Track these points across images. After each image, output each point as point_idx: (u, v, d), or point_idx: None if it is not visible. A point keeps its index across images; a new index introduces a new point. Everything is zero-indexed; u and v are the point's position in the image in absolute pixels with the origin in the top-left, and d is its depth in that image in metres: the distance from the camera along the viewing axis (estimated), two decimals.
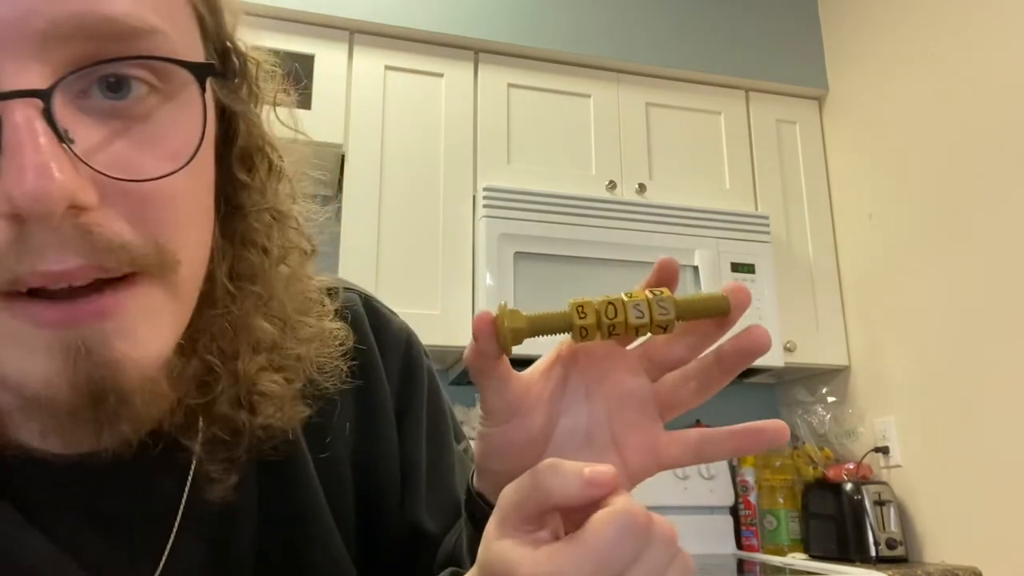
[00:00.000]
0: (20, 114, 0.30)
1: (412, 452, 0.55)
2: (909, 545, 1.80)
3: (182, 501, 0.44)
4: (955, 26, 1.80)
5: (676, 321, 0.37)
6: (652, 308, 0.36)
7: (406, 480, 0.54)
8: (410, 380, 0.56)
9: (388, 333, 0.56)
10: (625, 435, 0.40)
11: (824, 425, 1.98)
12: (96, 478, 0.41)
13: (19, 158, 0.29)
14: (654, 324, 0.37)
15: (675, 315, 0.37)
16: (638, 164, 2.01)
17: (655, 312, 0.36)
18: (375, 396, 0.54)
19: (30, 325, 0.32)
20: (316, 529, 0.48)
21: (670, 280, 0.40)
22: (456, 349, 1.75)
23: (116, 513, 0.42)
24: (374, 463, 0.53)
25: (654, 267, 0.40)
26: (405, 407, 0.55)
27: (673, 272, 0.39)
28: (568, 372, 0.41)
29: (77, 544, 0.40)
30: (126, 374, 0.34)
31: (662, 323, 0.37)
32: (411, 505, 0.53)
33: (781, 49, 2.20)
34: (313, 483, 0.49)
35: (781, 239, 2.06)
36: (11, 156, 0.29)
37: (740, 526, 2.01)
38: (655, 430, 0.40)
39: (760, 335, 0.37)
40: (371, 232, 1.75)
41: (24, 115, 0.30)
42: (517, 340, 0.37)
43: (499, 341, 0.36)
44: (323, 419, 0.50)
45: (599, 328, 0.37)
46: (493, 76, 1.95)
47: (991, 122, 1.69)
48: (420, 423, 0.56)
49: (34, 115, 0.30)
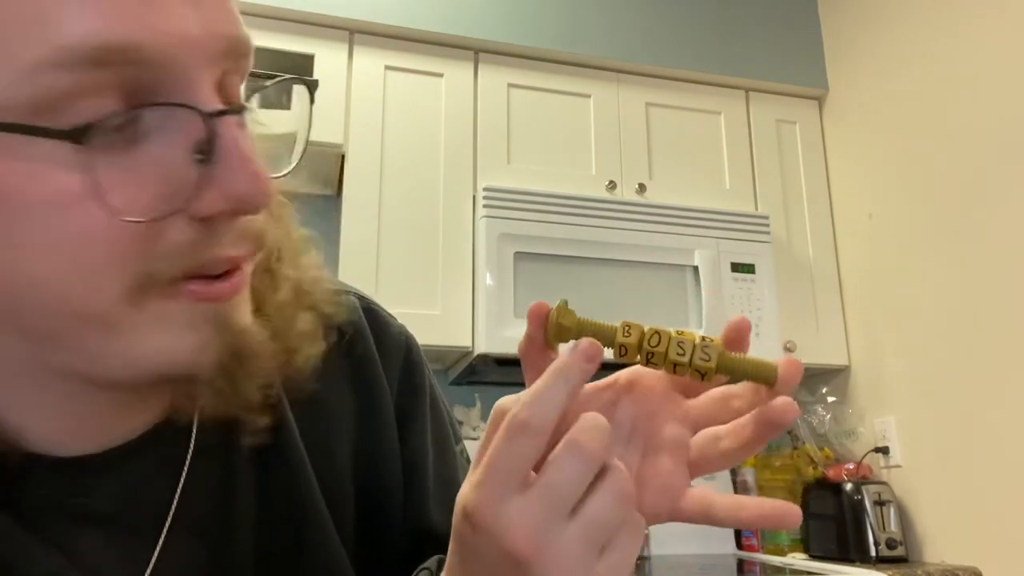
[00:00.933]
0: (234, 127, 0.34)
1: (416, 453, 0.55)
2: (909, 545, 1.80)
3: (174, 501, 0.44)
4: (955, 26, 1.80)
5: (716, 372, 0.37)
6: (695, 351, 0.37)
7: (411, 481, 0.54)
8: (411, 383, 0.56)
9: (388, 336, 0.56)
10: (650, 476, 0.40)
11: (824, 425, 1.98)
12: (87, 479, 0.41)
13: (245, 166, 0.33)
14: (692, 366, 0.37)
15: (715, 365, 0.37)
16: (638, 164, 2.01)
17: (696, 356, 0.37)
18: (375, 399, 0.54)
19: (189, 303, 0.36)
20: (313, 530, 0.48)
21: (738, 340, 0.40)
22: (456, 349, 1.75)
23: (107, 513, 0.42)
24: (375, 465, 0.53)
25: (728, 323, 0.40)
26: (407, 409, 0.56)
27: (742, 331, 0.40)
28: (619, 399, 0.41)
29: (68, 544, 0.40)
30: (253, 339, 0.39)
31: (700, 368, 0.37)
32: (418, 505, 0.53)
33: (781, 49, 2.20)
34: (311, 485, 0.49)
35: (781, 239, 2.06)
36: (232, 164, 0.33)
37: None
38: (680, 481, 0.40)
39: (788, 408, 0.37)
40: (371, 232, 1.75)
41: (237, 128, 0.34)
42: (563, 337, 0.38)
43: (547, 332, 0.38)
44: (322, 422, 0.50)
45: (639, 351, 0.38)
46: (493, 76, 1.95)
47: (991, 122, 1.69)
48: (424, 424, 0.56)
49: (241, 128, 0.35)
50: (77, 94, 0.30)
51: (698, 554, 1.96)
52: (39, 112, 0.30)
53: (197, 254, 0.35)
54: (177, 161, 0.33)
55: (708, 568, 1.78)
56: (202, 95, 0.33)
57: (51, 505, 0.40)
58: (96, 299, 0.33)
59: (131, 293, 0.34)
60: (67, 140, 0.30)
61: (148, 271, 0.33)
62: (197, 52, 0.33)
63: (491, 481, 0.34)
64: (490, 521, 0.33)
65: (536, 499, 0.33)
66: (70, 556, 0.40)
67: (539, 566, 0.33)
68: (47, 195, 0.31)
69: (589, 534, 0.34)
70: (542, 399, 0.34)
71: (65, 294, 0.33)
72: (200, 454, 0.45)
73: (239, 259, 0.37)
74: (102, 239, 0.32)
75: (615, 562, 0.35)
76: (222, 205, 0.34)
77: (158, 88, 0.32)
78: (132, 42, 0.31)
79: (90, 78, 0.30)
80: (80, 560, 0.40)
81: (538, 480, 0.34)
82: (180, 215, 0.34)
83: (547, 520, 0.33)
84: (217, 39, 0.34)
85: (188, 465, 0.44)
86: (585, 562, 0.34)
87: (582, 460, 0.34)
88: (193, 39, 0.33)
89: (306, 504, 0.48)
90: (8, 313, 0.34)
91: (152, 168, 0.33)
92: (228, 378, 0.39)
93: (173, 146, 0.33)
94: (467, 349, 1.75)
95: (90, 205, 0.31)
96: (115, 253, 0.32)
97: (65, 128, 0.30)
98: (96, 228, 0.32)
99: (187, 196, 0.33)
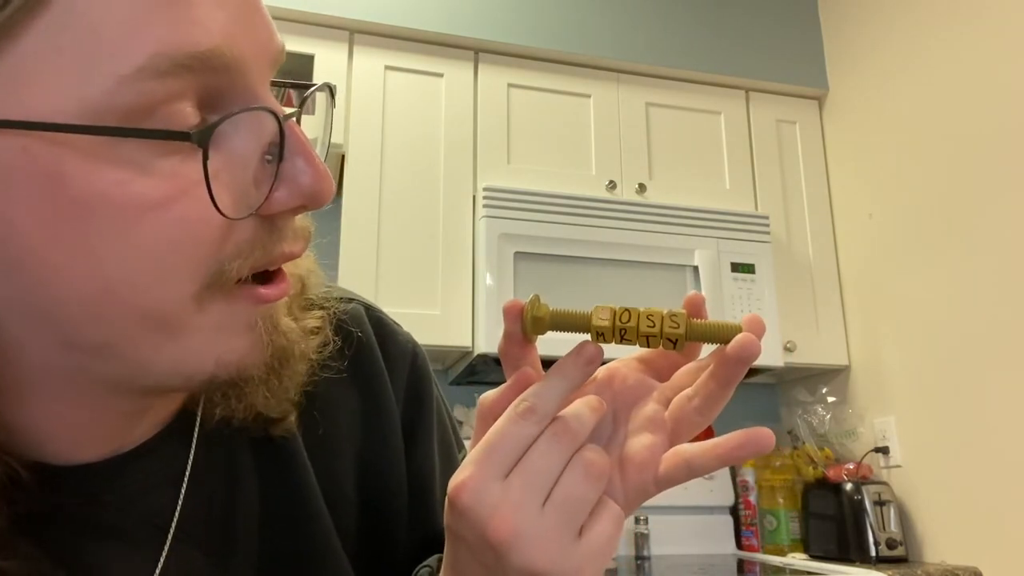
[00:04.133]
0: (296, 128, 0.36)
1: (424, 463, 0.55)
2: (909, 545, 1.80)
3: (177, 508, 0.44)
4: (955, 26, 1.80)
5: (686, 338, 0.39)
6: (664, 322, 0.39)
7: (420, 490, 0.54)
8: (418, 391, 0.56)
9: (394, 345, 0.56)
10: (632, 455, 0.41)
11: (824, 425, 1.98)
12: (90, 487, 0.41)
13: (313, 164, 0.35)
14: (664, 335, 0.39)
15: (685, 331, 0.39)
16: (638, 164, 2.01)
17: (666, 325, 0.39)
18: (381, 407, 0.54)
19: (249, 304, 0.37)
20: (316, 537, 0.48)
21: (695, 313, 0.41)
22: (456, 349, 1.75)
23: (112, 523, 0.42)
24: (379, 472, 0.53)
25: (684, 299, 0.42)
26: (413, 418, 0.56)
27: (696, 304, 0.41)
28: (601, 394, 0.42)
29: (71, 554, 0.40)
30: (293, 339, 0.42)
31: (671, 336, 0.39)
32: (425, 513, 0.54)
33: (781, 49, 2.20)
34: (314, 491, 0.49)
35: (781, 239, 2.06)
36: (301, 162, 0.35)
37: (740, 526, 2.01)
38: (660, 452, 0.41)
39: (746, 341, 0.37)
40: (371, 232, 1.75)
41: (299, 129, 0.36)
42: (538, 329, 0.40)
43: (523, 326, 0.40)
44: (327, 429, 0.50)
45: (613, 332, 0.39)
46: (493, 76, 1.95)
47: (991, 122, 1.69)
48: (431, 433, 0.56)
49: (301, 129, 0.36)
50: (163, 100, 0.31)
51: (698, 554, 1.96)
52: (130, 118, 0.31)
53: (263, 251, 0.36)
54: (255, 161, 0.35)
55: (708, 568, 1.78)
56: (268, 99, 0.35)
57: (56, 515, 0.40)
58: (168, 301, 0.34)
59: (201, 293, 0.34)
60: (192, 142, 0.31)
61: (221, 269, 0.35)
62: (263, 59, 0.35)
63: (486, 460, 0.35)
64: (468, 504, 0.35)
65: (516, 483, 0.35)
66: (64, 560, 0.40)
67: (517, 549, 0.34)
68: (137, 197, 0.32)
69: (563, 514, 0.35)
70: (547, 389, 0.37)
71: (137, 299, 0.33)
72: (202, 460, 0.45)
73: (296, 254, 0.38)
74: (190, 239, 0.33)
75: (593, 545, 0.36)
76: (291, 202, 0.35)
77: (229, 93, 0.34)
78: (217, 50, 0.32)
79: (177, 84, 0.31)
80: (74, 565, 0.40)
81: (518, 465, 0.35)
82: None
83: (524, 503, 0.35)
84: (273, 47, 0.36)
85: (190, 471, 0.44)
86: (563, 544, 0.35)
87: (562, 444, 0.36)
88: (261, 47, 0.35)
89: (309, 510, 0.48)
90: (64, 324, 0.34)
91: (237, 169, 0.34)
92: (276, 377, 0.41)
93: (250, 147, 0.35)
94: (467, 349, 1.75)
95: (184, 206, 0.32)
96: (198, 253, 0.34)
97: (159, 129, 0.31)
98: (187, 229, 0.33)
99: (263, 194, 0.35)
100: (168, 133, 0.31)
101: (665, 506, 1.96)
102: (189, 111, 0.32)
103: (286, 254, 0.38)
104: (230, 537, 0.45)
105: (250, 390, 0.42)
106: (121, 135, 0.30)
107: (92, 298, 0.33)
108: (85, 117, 0.30)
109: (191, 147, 0.32)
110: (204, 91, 0.33)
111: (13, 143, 0.30)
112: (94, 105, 0.30)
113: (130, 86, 0.30)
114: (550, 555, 0.34)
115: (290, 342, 0.41)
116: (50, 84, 0.30)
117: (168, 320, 0.34)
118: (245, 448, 0.47)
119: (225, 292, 0.36)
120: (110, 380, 0.37)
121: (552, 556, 0.34)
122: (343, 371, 0.51)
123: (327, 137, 0.43)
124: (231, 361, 0.37)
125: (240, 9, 0.34)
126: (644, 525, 1.89)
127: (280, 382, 0.42)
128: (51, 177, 0.30)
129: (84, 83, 0.30)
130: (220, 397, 0.43)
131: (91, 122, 0.30)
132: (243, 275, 0.36)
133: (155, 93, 0.31)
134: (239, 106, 0.34)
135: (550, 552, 0.34)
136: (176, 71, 0.31)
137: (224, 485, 0.46)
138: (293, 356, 0.42)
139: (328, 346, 0.48)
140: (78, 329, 0.34)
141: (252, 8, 0.35)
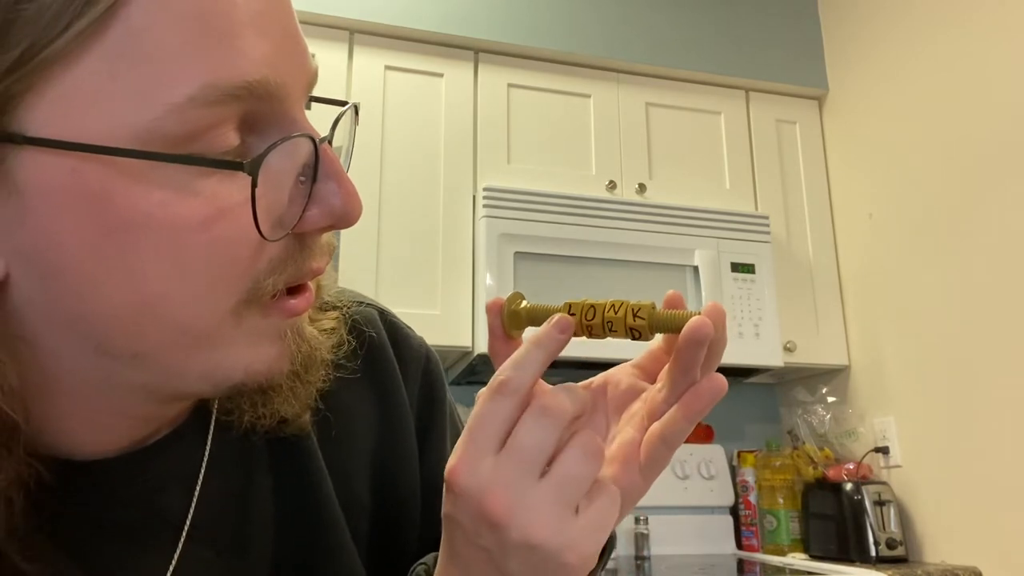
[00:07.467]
0: (330, 150, 0.37)
1: (438, 465, 0.55)
2: (909, 545, 1.80)
3: (191, 508, 0.44)
4: (955, 26, 1.80)
5: (649, 329, 0.40)
6: (627, 314, 0.40)
7: (432, 492, 0.54)
8: (431, 394, 0.57)
9: (408, 348, 0.57)
10: (617, 454, 0.41)
11: (824, 425, 1.98)
12: (107, 483, 0.41)
13: (344, 185, 0.37)
14: (627, 328, 0.40)
15: (648, 323, 0.39)
16: (638, 164, 2.01)
17: (628, 318, 0.40)
18: (395, 409, 0.54)
19: (279, 316, 0.38)
20: (330, 537, 0.48)
21: (673, 306, 0.42)
22: (456, 349, 1.75)
23: (124, 520, 0.42)
24: (392, 474, 0.53)
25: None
26: (428, 422, 0.56)
27: (674, 300, 0.42)
28: (596, 400, 0.44)
29: (85, 551, 0.40)
30: (316, 344, 0.43)
31: (635, 327, 0.40)
32: (438, 516, 0.54)
33: (781, 49, 2.20)
34: (328, 492, 0.49)
35: (781, 239, 2.06)
36: (333, 184, 0.37)
37: (740, 526, 2.01)
38: (638, 446, 0.41)
39: (696, 323, 0.38)
40: (371, 232, 1.75)
41: (332, 151, 0.37)
42: (516, 323, 0.42)
43: (502, 322, 0.42)
44: (341, 431, 0.50)
45: (580, 327, 0.40)
46: (493, 76, 1.95)
47: (991, 122, 1.69)
48: (444, 437, 0.57)
49: (332, 150, 0.38)
50: (208, 126, 0.32)
51: (698, 554, 1.96)
52: (177, 142, 0.31)
53: (295, 267, 0.37)
54: (291, 181, 0.36)
55: (708, 568, 1.78)
56: (305, 123, 0.36)
57: (71, 513, 0.40)
58: (206, 316, 0.35)
59: (239, 308, 0.36)
60: (244, 172, 0.33)
61: (257, 287, 0.36)
62: (300, 84, 0.36)
63: (471, 441, 0.36)
64: (464, 484, 0.35)
65: (506, 460, 0.35)
66: (77, 558, 0.40)
67: (514, 527, 0.34)
68: (179, 218, 0.32)
69: (560, 492, 0.35)
70: (520, 363, 0.37)
71: (176, 313, 0.34)
72: (216, 460, 0.45)
73: (322, 270, 0.40)
74: (229, 258, 0.34)
75: (590, 522, 0.36)
76: (323, 221, 0.37)
77: (269, 117, 0.35)
78: (264, 80, 0.33)
79: (223, 111, 0.32)
80: (87, 564, 0.40)
81: (508, 443, 0.36)
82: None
83: (517, 480, 0.35)
84: (310, 71, 0.38)
85: (205, 469, 0.44)
86: (559, 521, 0.35)
87: (548, 420, 0.36)
88: (300, 72, 0.36)
89: (323, 511, 0.48)
90: (99, 334, 0.34)
91: (276, 190, 0.35)
92: (300, 383, 0.43)
93: (287, 168, 0.36)
94: (467, 349, 1.75)
95: (224, 226, 0.33)
96: (235, 270, 0.35)
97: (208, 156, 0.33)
98: (226, 248, 0.34)
99: (296, 213, 0.36)
100: (222, 163, 0.33)
101: (665, 506, 1.96)
102: (231, 135, 0.33)
103: (315, 269, 0.39)
104: (244, 535, 0.46)
105: (276, 396, 0.43)
106: (173, 161, 0.31)
107: (129, 312, 0.33)
108: (135, 141, 0.31)
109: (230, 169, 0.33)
110: (246, 116, 0.34)
111: (63, 163, 0.31)
112: (144, 130, 0.31)
113: (180, 114, 0.31)
114: (548, 528, 0.35)
115: (313, 348, 0.43)
116: (103, 109, 0.30)
117: (205, 334, 0.35)
118: (260, 447, 0.47)
119: (261, 306, 0.37)
120: (140, 386, 0.38)
121: (550, 530, 0.35)
122: (357, 371, 0.51)
123: (349, 152, 0.44)
124: (260, 371, 0.38)
125: (282, 38, 0.35)
126: (644, 525, 1.89)
127: (304, 387, 0.44)
128: (98, 197, 0.31)
129: (137, 109, 0.30)
130: (248, 404, 0.44)
131: (140, 146, 0.31)
132: (278, 289, 0.37)
133: (202, 120, 0.32)
134: (277, 129, 0.35)
135: (548, 526, 0.35)
136: (224, 100, 0.32)
137: (238, 483, 0.46)
138: (316, 362, 0.44)
139: (343, 346, 0.49)
140: (112, 339, 0.34)
141: (292, 38, 0.36)
